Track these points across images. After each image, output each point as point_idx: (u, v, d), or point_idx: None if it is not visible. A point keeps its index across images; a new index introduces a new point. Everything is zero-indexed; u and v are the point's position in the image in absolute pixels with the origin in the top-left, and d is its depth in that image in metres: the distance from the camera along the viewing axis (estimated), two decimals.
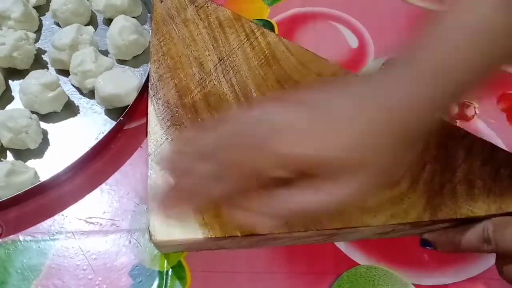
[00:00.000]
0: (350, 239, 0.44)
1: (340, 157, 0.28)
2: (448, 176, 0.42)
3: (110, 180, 0.48)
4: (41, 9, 0.59)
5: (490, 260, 0.42)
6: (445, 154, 0.43)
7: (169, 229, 0.39)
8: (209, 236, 0.39)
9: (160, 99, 0.47)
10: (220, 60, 0.49)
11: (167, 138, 0.45)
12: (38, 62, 0.55)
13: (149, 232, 0.39)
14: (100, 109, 0.52)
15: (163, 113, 0.46)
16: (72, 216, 0.46)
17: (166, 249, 0.43)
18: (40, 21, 0.58)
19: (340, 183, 0.29)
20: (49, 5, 0.57)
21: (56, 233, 0.45)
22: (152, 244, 0.41)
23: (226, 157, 0.29)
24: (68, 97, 0.52)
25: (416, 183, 0.41)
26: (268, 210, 0.30)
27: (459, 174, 0.42)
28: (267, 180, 0.29)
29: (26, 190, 0.45)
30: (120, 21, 0.54)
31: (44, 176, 0.47)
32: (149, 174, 0.43)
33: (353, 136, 0.29)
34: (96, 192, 0.48)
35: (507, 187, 0.41)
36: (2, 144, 0.49)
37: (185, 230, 0.39)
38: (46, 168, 0.48)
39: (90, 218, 0.46)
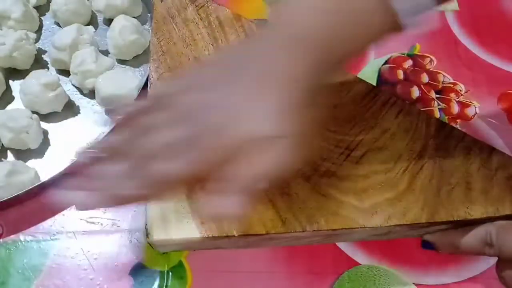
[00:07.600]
0: (348, 240, 0.44)
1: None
2: (445, 178, 0.42)
3: None
4: (41, 9, 0.59)
5: (490, 260, 0.42)
6: (443, 156, 0.43)
7: (166, 229, 0.39)
8: (206, 236, 0.39)
9: None
10: None
11: None
12: (38, 62, 0.55)
13: (146, 231, 0.39)
14: (100, 109, 0.52)
15: None
16: (73, 216, 0.46)
17: (163, 248, 0.43)
18: (40, 21, 0.58)
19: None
20: (49, 5, 0.57)
21: (57, 233, 0.45)
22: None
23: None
24: (69, 97, 0.52)
25: (413, 184, 0.41)
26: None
27: (457, 176, 0.42)
28: None
29: (27, 190, 0.45)
30: (120, 21, 0.54)
31: (44, 176, 0.47)
32: None
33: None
34: None
35: (505, 190, 0.41)
36: (2, 144, 0.49)
37: (182, 230, 0.39)
38: (46, 168, 0.48)
39: (91, 218, 0.46)
